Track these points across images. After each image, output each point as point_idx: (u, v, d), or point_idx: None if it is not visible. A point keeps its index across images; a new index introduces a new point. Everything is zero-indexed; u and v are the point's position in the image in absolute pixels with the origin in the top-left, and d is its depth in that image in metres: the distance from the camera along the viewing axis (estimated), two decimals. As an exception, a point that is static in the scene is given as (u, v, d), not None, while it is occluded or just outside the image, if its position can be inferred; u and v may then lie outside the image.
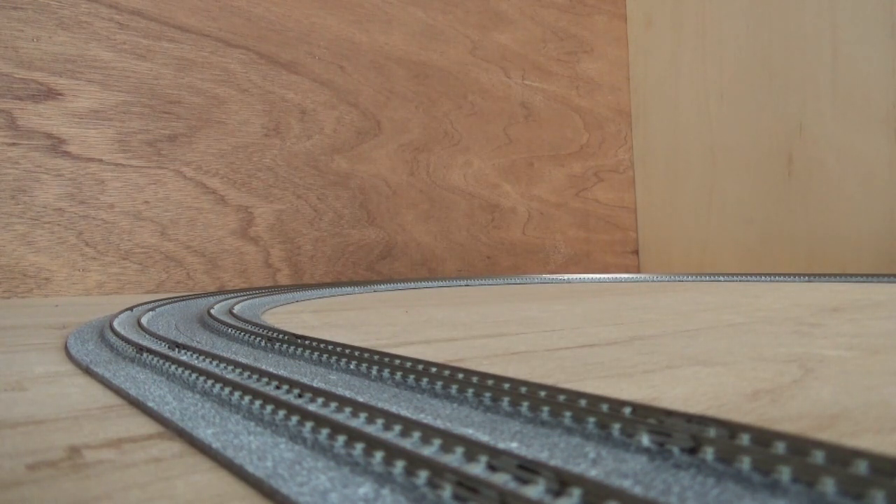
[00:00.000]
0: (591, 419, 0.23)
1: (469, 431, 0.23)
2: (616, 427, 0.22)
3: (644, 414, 0.22)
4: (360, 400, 0.25)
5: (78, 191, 1.12)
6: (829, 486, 0.17)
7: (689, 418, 0.21)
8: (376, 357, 0.35)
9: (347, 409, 0.25)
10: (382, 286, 1.22)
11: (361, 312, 0.77)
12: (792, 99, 1.55)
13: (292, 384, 0.29)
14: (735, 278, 1.32)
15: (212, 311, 0.61)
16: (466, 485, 0.17)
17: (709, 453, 0.19)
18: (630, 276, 1.46)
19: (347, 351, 0.37)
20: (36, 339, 0.55)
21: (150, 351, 0.39)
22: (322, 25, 1.41)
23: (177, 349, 0.40)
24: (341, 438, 0.22)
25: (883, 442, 0.23)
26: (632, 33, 1.96)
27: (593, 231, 1.83)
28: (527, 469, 0.18)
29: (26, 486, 0.20)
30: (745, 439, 0.19)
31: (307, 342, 0.41)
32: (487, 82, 1.66)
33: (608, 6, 1.92)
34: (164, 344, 0.43)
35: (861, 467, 0.17)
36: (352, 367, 0.36)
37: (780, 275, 1.30)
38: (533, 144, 1.73)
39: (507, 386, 0.27)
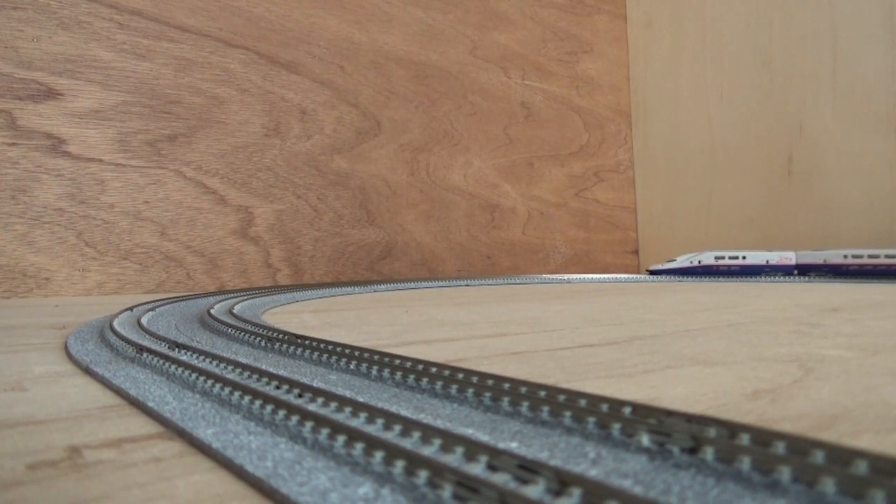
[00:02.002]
0: (591, 419, 0.23)
1: (469, 431, 0.23)
2: (616, 427, 0.22)
3: (644, 414, 0.22)
4: (360, 400, 0.25)
5: (78, 191, 1.12)
6: (829, 486, 0.17)
7: (689, 418, 0.21)
8: (376, 357, 0.35)
9: (347, 409, 0.25)
10: (382, 286, 1.22)
11: (361, 312, 0.77)
12: (792, 99, 1.55)
13: (292, 384, 0.29)
14: (735, 278, 1.32)
15: (212, 311, 0.61)
16: (466, 485, 0.17)
17: (709, 453, 0.19)
18: (630, 276, 1.46)
19: (347, 351, 0.37)
20: (36, 339, 0.55)
21: (150, 351, 0.39)
22: (322, 25, 1.41)
23: (177, 349, 0.40)
24: (341, 438, 0.22)
25: (883, 442, 0.23)
26: (632, 33, 1.96)
27: (593, 231, 1.83)
28: (527, 469, 0.18)
29: (26, 486, 0.20)
30: (745, 439, 0.19)
31: (307, 342, 0.41)
32: (487, 82, 1.66)
33: (608, 6, 1.92)
34: (164, 344, 0.43)
35: (861, 467, 0.17)
36: (352, 367, 0.36)
37: (780, 275, 1.30)
38: (533, 144, 1.73)
39: (507, 386, 0.27)
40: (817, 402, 0.28)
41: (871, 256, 1.17)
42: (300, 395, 0.28)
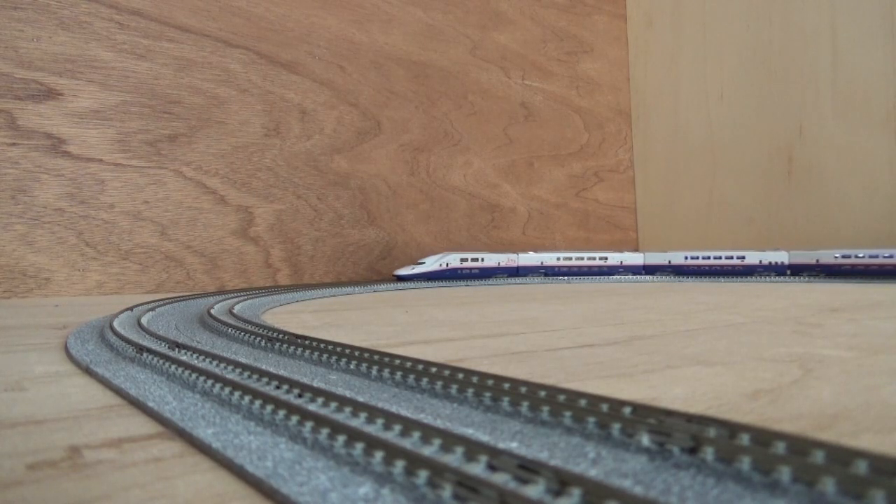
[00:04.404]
0: (591, 419, 0.23)
1: (469, 431, 0.23)
2: (616, 427, 0.22)
3: (644, 414, 0.22)
4: (360, 400, 0.25)
5: (78, 191, 1.12)
6: (829, 486, 0.17)
7: (689, 418, 0.21)
8: (376, 357, 0.35)
9: (347, 409, 0.25)
10: (382, 286, 1.22)
11: (361, 312, 0.77)
12: (792, 99, 1.55)
13: (292, 384, 0.29)
14: (735, 279, 1.32)
15: (212, 311, 0.61)
16: (466, 485, 0.17)
17: (709, 453, 0.19)
18: (630, 276, 1.46)
19: (347, 351, 0.38)
20: (36, 339, 0.55)
21: (150, 351, 0.39)
22: (322, 25, 1.41)
23: (177, 349, 0.40)
24: (341, 438, 0.22)
25: (883, 442, 0.23)
26: (632, 33, 1.96)
27: (593, 231, 1.83)
28: (527, 469, 0.18)
29: (26, 486, 0.20)
30: (745, 439, 0.19)
31: (307, 342, 0.41)
32: (487, 82, 1.66)
33: (608, 6, 1.92)
34: (164, 344, 0.43)
35: (861, 467, 0.17)
36: (352, 367, 0.36)
37: (779, 275, 1.30)
38: (533, 144, 1.73)
39: (507, 386, 0.27)
40: (817, 402, 0.28)
41: (577, 258, 1.40)
42: (300, 395, 0.28)
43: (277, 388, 0.29)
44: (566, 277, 1.40)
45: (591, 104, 1.86)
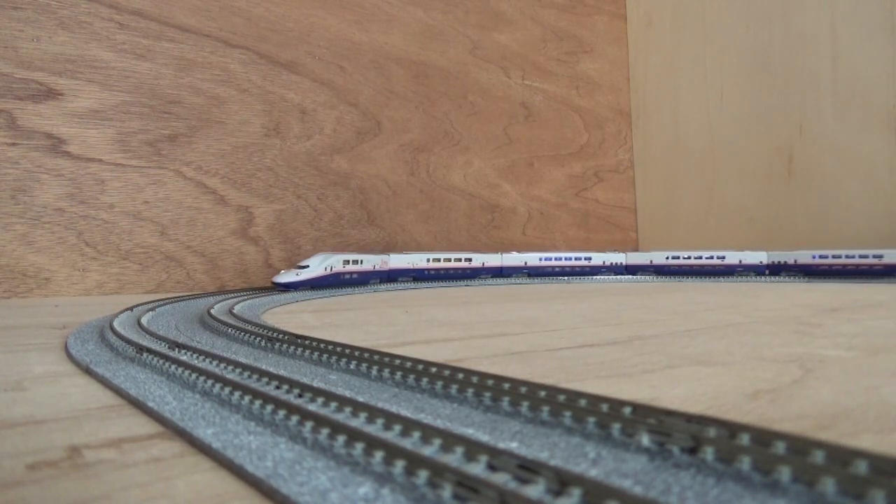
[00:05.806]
0: (591, 419, 0.23)
1: (469, 431, 0.23)
2: (616, 427, 0.22)
3: (644, 414, 0.22)
4: (360, 400, 0.25)
5: (78, 191, 1.12)
6: (829, 486, 0.17)
7: (689, 418, 0.21)
8: (376, 357, 0.35)
9: (347, 409, 0.25)
10: (382, 286, 1.22)
11: (361, 312, 0.77)
12: (792, 99, 1.55)
13: (292, 384, 0.29)
14: (735, 279, 1.32)
15: (212, 311, 0.61)
16: (466, 485, 0.17)
17: (709, 453, 0.19)
18: (630, 276, 1.46)
19: (347, 351, 0.38)
20: (36, 339, 0.55)
21: (150, 351, 0.39)
22: (322, 25, 1.41)
23: (177, 349, 0.40)
24: (341, 438, 0.22)
25: (883, 442, 0.23)
26: (632, 33, 1.96)
27: (593, 231, 1.83)
28: (527, 469, 0.18)
29: (26, 486, 0.20)
30: (745, 439, 0.19)
31: (307, 342, 0.41)
32: (487, 82, 1.66)
33: (608, 6, 1.92)
34: (164, 344, 0.43)
35: (861, 467, 0.17)
36: (352, 367, 0.36)
37: (780, 275, 1.30)
38: (533, 144, 1.73)
39: (507, 386, 0.27)
40: (817, 402, 0.28)
41: (445, 260, 1.40)
42: (300, 395, 0.28)
43: (277, 388, 0.29)
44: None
45: (591, 104, 1.86)
